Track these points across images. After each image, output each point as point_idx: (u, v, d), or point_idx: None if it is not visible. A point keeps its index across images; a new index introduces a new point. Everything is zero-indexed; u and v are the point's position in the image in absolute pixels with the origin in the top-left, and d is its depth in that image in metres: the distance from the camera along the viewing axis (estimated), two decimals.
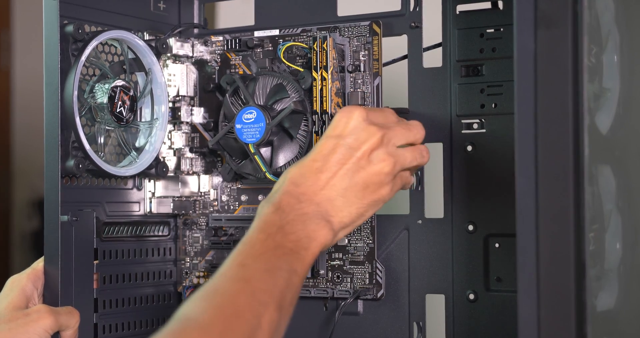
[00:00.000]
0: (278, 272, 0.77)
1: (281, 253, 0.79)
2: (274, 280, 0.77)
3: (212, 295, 0.74)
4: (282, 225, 0.81)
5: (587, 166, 0.73)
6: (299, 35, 1.08)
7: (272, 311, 0.75)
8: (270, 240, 0.79)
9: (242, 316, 0.73)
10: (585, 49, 0.73)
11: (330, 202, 0.83)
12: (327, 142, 0.86)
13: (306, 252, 0.80)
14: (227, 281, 0.76)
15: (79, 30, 1.00)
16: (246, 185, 1.11)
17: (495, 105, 1.01)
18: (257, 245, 0.79)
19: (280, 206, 0.82)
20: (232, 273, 0.77)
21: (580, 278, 0.73)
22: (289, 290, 0.78)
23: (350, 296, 1.03)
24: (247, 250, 0.79)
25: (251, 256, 0.78)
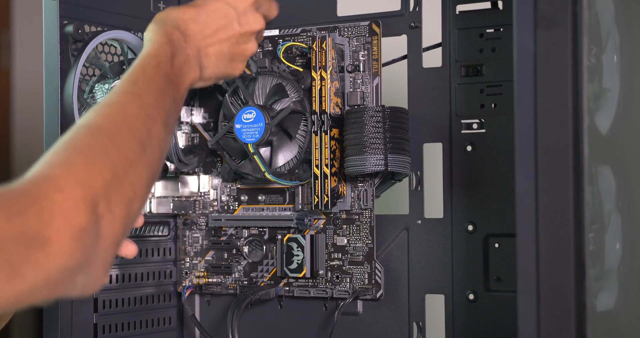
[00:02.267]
0: (166, 95, 0.83)
1: (168, 81, 0.85)
2: (162, 100, 0.82)
3: (104, 106, 0.77)
4: (171, 56, 0.87)
5: (587, 166, 0.73)
6: (299, 35, 1.08)
7: (159, 126, 0.79)
8: (161, 66, 0.85)
9: (132, 124, 0.76)
10: (585, 49, 0.73)
11: (206, 55, 0.92)
12: (224, 8, 0.94)
13: (182, 86, 0.87)
14: (119, 94, 0.79)
15: (78, 30, 1.00)
16: (246, 185, 1.11)
17: (495, 105, 1.01)
18: (149, 68, 0.84)
19: (172, 39, 0.88)
20: (124, 88, 0.80)
21: (580, 279, 0.73)
22: (172, 113, 0.83)
23: (350, 296, 1.03)
24: (140, 71, 0.83)
25: (143, 76, 0.83)
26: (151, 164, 0.76)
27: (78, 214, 0.65)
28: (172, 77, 0.85)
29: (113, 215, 0.68)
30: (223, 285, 1.11)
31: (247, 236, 1.11)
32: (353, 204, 1.05)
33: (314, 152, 1.02)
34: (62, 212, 0.64)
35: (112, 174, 0.69)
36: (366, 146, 0.98)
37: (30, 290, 0.62)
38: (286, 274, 1.06)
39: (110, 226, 0.68)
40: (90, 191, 0.66)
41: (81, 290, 0.68)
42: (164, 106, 0.81)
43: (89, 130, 0.73)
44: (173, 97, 0.84)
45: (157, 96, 0.81)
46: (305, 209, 1.07)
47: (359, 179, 1.04)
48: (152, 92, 0.81)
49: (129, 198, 0.71)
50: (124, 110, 0.77)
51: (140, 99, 0.79)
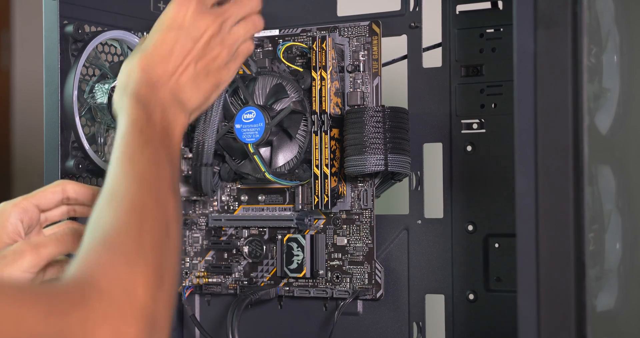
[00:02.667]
0: (163, 163, 0.81)
1: (158, 144, 0.82)
2: (163, 171, 0.79)
3: (118, 199, 0.75)
4: (148, 116, 0.83)
5: (587, 166, 0.73)
6: (299, 35, 1.08)
7: (172, 200, 0.77)
8: (144, 133, 0.82)
9: (152, 214, 0.74)
10: (585, 49, 0.73)
11: (181, 89, 0.88)
12: (170, 34, 0.89)
13: (173, 139, 0.84)
14: (123, 182, 0.77)
15: (78, 30, 1.00)
16: (246, 185, 1.11)
17: (495, 105, 1.01)
18: (136, 140, 0.81)
19: (139, 98, 0.84)
20: (126, 172, 0.78)
21: (580, 279, 0.73)
22: (174, 176, 0.81)
23: (350, 296, 1.03)
24: (129, 147, 0.81)
25: (135, 152, 0.80)
26: (178, 248, 0.75)
27: (127, 326, 0.62)
28: (158, 139, 0.83)
29: (163, 320, 0.66)
30: (223, 285, 1.11)
31: (247, 236, 1.11)
32: (353, 204, 1.05)
33: (314, 152, 1.02)
34: (107, 321, 0.62)
35: (155, 275, 0.67)
36: (366, 146, 0.98)
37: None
38: (286, 274, 1.06)
39: (159, 333, 0.66)
40: (137, 298, 0.64)
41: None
42: (167, 176, 0.79)
43: (117, 230, 0.71)
44: (170, 162, 0.82)
45: (158, 169, 0.79)
46: (305, 210, 1.07)
47: (359, 179, 1.04)
48: (151, 167, 0.79)
49: (172, 296, 0.69)
50: (139, 202, 0.75)
51: (146, 182, 0.77)
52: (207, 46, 0.90)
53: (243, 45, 0.94)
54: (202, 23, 0.89)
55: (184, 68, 0.88)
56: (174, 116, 0.85)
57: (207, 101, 0.91)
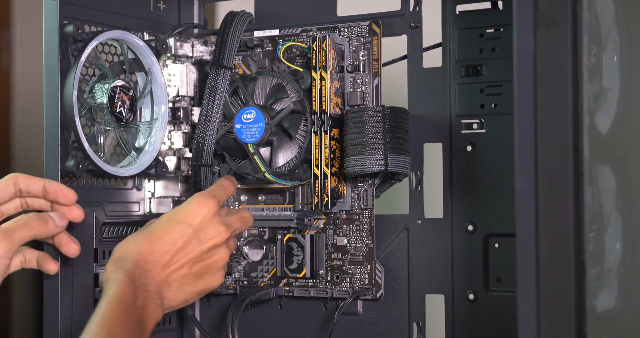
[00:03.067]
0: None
1: (136, 327, 0.85)
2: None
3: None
4: (134, 297, 0.87)
5: (587, 166, 0.73)
6: (299, 35, 1.08)
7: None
8: (129, 312, 0.85)
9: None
10: (585, 49, 0.73)
11: (167, 285, 0.91)
12: (179, 228, 0.92)
13: (146, 328, 0.87)
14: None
15: (78, 30, 1.00)
16: (246, 185, 1.11)
17: (495, 105, 1.01)
18: (120, 315, 0.85)
19: (132, 278, 0.88)
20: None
21: (580, 279, 0.73)
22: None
23: (350, 296, 1.03)
24: (113, 317, 0.84)
25: (117, 324, 0.84)
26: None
27: None
28: (138, 322, 0.86)
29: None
30: (223, 285, 1.11)
31: (247, 236, 1.11)
32: (353, 204, 1.05)
33: (314, 152, 1.02)
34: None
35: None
36: (366, 146, 0.98)
37: None
38: (286, 274, 1.06)
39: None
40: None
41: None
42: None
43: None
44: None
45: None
46: (305, 210, 1.07)
47: (359, 179, 1.04)
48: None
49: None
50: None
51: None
52: (209, 252, 0.93)
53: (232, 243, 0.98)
54: (213, 230, 0.93)
55: (179, 266, 0.92)
56: (153, 310, 0.88)
57: (185, 304, 0.94)
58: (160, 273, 0.90)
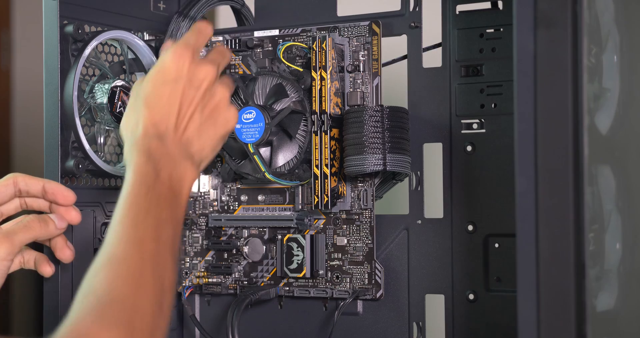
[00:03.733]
0: (166, 225, 0.80)
1: (165, 205, 0.81)
2: (165, 234, 0.79)
3: (114, 264, 0.75)
4: (156, 173, 0.82)
5: (587, 166, 0.73)
6: (299, 35, 1.08)
7: (170, 265, 0.77)
8: (151, 193, 0.81)
9: (147, 283, 0.74)
10: (585, 49, 0.73)
11: (189, 141, 0.87)
12: (170, 86, 0.88)
13: (181, 197, 0.83)
14: (124, 246, 0.77)
15: (78, 30, 1.00)
16: (246, 185, 1.11)
17: (495, 105, 1.01)
18: (141, 200, 0.80)
19: (150, 152, 0.84)
20: (127, 236, 0.78)
21: (580, 279, 0.73)
22: (176, 238, 0.81)
23: (350, 296, 1.03)
24: (134, 207, 0.80)
25: (140, 214, 0.80)
26: (168, 317, 0.75)
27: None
28: (167, 197, 0.82)
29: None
30: (223, 285, 1.11)
31: (247, 236, 1.11)
32: (353, 204, 1.05)
33: (314, 152, 1.02)
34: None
35: (148, 329, 0.70)
36: (365, 145, 0.98)
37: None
38: (286, 274, 1.06)
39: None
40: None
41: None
42: (169, 238, 0.80)
43: (109, 299, 0.71)
44: (174, 220, 0.82)
45: (160, 232, 0.79)
46: (305, 210, 1.07)
47: (359, 179, 1.04)
48: (153, 230, 0.79)
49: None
50: (136, 270, 0.75)
51: (145, 247, 0.77)
52: (209, 92, 0.90)
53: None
54: (201, 72, 0.89)
55: (190, 118, 0.88)
56: (183, 171, 0.85)
57: (216, 149, 0.91)
58: (176, 134, 0.86)
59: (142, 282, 0.74)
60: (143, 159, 0.83)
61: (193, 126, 0.88)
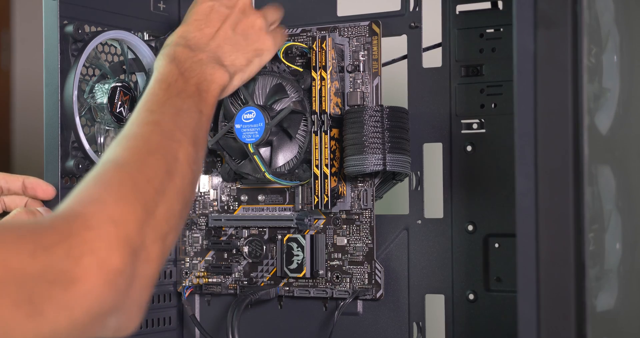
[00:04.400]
0: (186, 113, 0.82)
1: (185, 97, 0.83)
2: (183, 121, 0.81)
3: (126, 139, 0.76)
4: (181, 72, 0.86)
5: (587, 166, 0.73)
6: (299, 35, 1.08)
7: (187, 145, 0.78)
8: (172, 87, 0.83)
9: (157, 152, 0.75)
10: (585, 49, 0.73)
11: (219, 48, 0.91)
12: (204, 5, 0.94)
13: (207, 94, 0.86)
14: (138, 126, 0.78)
15: (78, 30, 1.00)
16: (246, 185, 1.11)
17: (495, 105, 1.01)
18: (161, 93, 0.83)
19: (175, 56, 0.87)
20: (142, 119, 0.79)
21: (580, 279, 0.73)
22: (199, 128, 0.82)
23: (350, 296, 1.03)
24: (153, 98, 0.82)
25: (157, 103, 0.82)
26: (183, 191, 0.74)
27: (111, 254, 0.62)
28: (190, 91, 0.84)
29: (149, 253, 0.66)
30: (223, 285, 1.11)
31: (247, 236, 1.11)
32: (353, 204, 1.05)
33: (314, 152, 1.02)
34: (93, 251, 0.61)
35: (145, 210, 0.67)
36: (365, 145, 0.98)
37: (52, 331, 0.59)
38: (286, 274, 1.06)
39: (146, 265, 0.65)
40: (124, 229, 0.64)
41: (113, 333, 0.64)
42: (188, 126, 0.80)
43: (115, 165, 0.71)
44: (197, 111, 0.83)
45: (178, 118, 0.80)
46: (305, 210, 1.07)
47: (359, 179, 1.04)
48: (171, 116, 0.80)
49: (164, 233, 0.69)
50: (146, 142, 0.75)
51: (159, 127, 0.78)
52: (243, 13, 0.94)
53: (276, 30, 0.98)
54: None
55: (223, 32, 0.92)
56: (211, 72, 0.88)
57: (250, 65, 0.95)
58: (207, 45, 0.90)
59: (151, 152, 0.74)
60: (167, 61, 0.87)
61: (224, 40, 0.92)
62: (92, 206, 0.65)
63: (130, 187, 0.69)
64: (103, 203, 0.65)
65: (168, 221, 0.70)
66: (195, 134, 0.80)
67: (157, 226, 0.68)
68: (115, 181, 0.69)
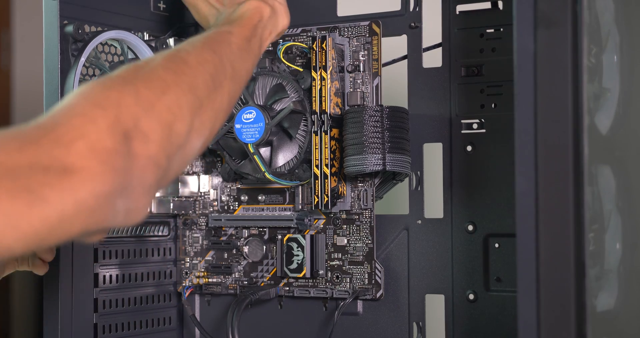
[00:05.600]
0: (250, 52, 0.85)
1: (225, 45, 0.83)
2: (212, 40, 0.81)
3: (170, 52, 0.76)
4: (223, 23, 0.86)
5: (587, 166, 0.73)
6: (299, 35, 1.08)
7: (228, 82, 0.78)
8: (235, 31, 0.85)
9: (172, 54, 0.75)
10: (585, 49, 0.73)
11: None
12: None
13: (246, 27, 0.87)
14: (191, 43, 0.79)
15: (79, 30, 1.00)
16: (246, 185, 1.11)
17: (495, 105, 1.01)
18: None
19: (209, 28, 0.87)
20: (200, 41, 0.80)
21: (580, 279, 0.73)
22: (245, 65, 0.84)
23: (350, 296, 1.03)
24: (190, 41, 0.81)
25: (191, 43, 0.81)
26: (195, 88, 0.73)
27: (102, 136, 0.62)
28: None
29: (146, 134, 0.65)
30: (223, 285, 1.11)
31: (247, 236, 1.11)
32: (353, 204, 1.05)
33: (314, 152, 1.02)
34: (83, 136, 0.61)
35: (135, 94, 0.67)
36: (365, 145, 0.98)
37: (61, 217, 0.59)
38: (286, 274, 1.06)
39: (143, 146, 0.65)
40: (112, 111, 0.64)
41: (124, 217, 0.64)
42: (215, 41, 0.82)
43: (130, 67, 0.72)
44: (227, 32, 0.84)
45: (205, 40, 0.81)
46: (305, 210, 1.07)
47: (359, 179, 1.04)
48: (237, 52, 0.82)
49: (164, 119, 0.68)
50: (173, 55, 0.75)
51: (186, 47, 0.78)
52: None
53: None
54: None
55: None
56: (240, 12, 0.89)
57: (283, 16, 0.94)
58: (225, 5, 0.91)
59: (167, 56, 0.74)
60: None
61: None
62: (79, 98, 0.65)
63: (124, 77, 0.69)
64: (88, 94, 0.65)
65: (170, 109, 0.69)
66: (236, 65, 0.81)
67: (155, 112, 0.67)
68: (113, 76, 0.69)
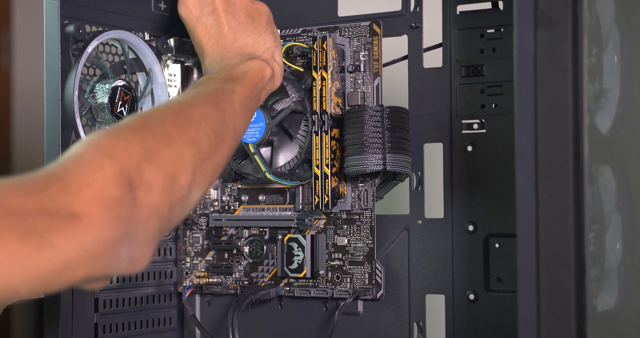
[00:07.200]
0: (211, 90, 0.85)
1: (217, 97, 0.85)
2: (205, 91, 0.85)
3: (169, 107, 0.81)
4: (226, 79, 0.88)
5: (587, 166, 0.73)
6: (299, 35, 1.08)
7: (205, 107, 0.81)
8: (224, 85, 0.87)
9: (172, 105, 0.81)
10: (585, 49, 0.73)
11: (241, 46, 0.94)
12: (194, 24, 0.97)
13: (243, 79, 0.89)
14: (190, 96, 0.83)
15: (79, 30, 1.00)
16: (246, 185, 1.11)
17: (495, 105, 1.01)
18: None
19: (210, 76, 0.90)
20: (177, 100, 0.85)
21: (580, 279, 0.73)
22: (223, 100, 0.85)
23: (350, 296, 1.03)
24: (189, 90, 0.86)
25: (192, 93, 0.85)
26: (198, 142, 0.76)
27: (108, 185, 0.63)
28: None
29: (149, 185, 0.67)
30: (223, 285, 1.11)
31: (247, 236, 1.11)
32: (353, 204, 1.05)
33: (315, 152, 1.02)
34: (89, 184, 0.62)
35: (141, 145, 0.69)
36: (366, 145, 0.98)
37: (66, 262, 0.60)
38: (286, 274, 1.06)
39: (147, 196, 0.66)
40: (119, 161, 0.65)
41: (127, 264, 0.66)
42: (211, 93, 0.85)
43: (137, 116, 0.75)
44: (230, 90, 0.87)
45: (198, 90, 0.85)
46: (305, 210, 1.07)
47: (359, 179, 1.04)
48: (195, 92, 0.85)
49: (168, 171, 0.70)
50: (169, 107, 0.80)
51: (181, 98, 0.83)
52: (229, 6, 0.95)
53: None
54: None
55: (228, 27, 0.94)
56: (250, 69, 0.90)
57: (273, 37, 0.97)
58: (229, 47, 0.94)
59: (169, 108, 0.79)
60: (203, 80, 0.90)
61: (233, 33, 0.94)
62: (86, 147, 0.66)
63: (126, 127, 0.71)
64: (97, 143, 0.67)
65: (174, 161, 0.71)
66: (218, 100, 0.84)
67: (159, 163, 0.69)
68: (122, 124, 0.72)
